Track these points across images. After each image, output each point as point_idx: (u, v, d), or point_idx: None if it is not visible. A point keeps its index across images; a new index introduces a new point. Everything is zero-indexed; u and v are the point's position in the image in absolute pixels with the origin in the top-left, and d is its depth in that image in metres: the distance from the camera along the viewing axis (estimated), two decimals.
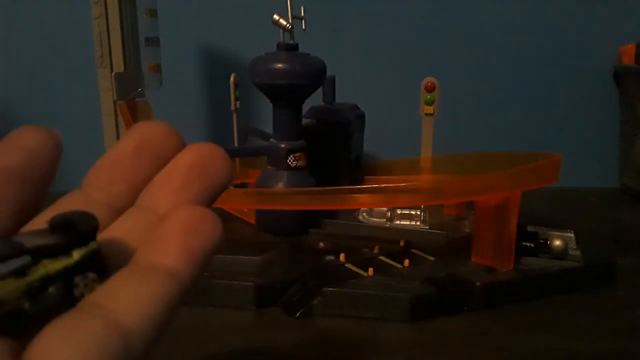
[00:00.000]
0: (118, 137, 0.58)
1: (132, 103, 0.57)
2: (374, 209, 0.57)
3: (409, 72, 0.71)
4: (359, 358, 0.39)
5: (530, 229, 0.50)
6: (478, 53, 0.78)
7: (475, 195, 0.46)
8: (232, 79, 0.62)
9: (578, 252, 0.48)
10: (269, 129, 0.56)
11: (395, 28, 0.77)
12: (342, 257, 0.48)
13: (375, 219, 0.56)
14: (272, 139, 0.55)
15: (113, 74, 0.56)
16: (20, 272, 0.15)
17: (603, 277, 0.49)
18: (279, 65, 0.50)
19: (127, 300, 0.15)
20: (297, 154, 0.54)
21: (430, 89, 0.56)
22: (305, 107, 0.57)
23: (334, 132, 0.59)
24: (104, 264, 0.16)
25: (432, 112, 0.56)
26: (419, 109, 0.57)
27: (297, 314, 0.43)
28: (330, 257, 0.48)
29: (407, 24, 0.77)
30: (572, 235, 0.49)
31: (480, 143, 0.75)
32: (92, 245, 0.16)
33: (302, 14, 0.53)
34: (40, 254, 0.15)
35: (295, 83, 0.51)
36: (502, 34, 0.78)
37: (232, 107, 0.63)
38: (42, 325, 0.14)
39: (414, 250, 0.51)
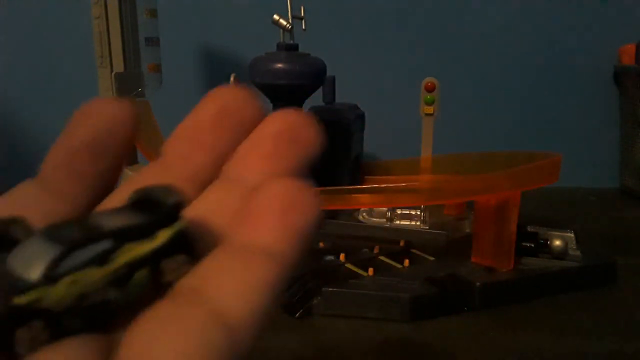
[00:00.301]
0: None
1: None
2: (374, 209, 0.56)
3: (409, 72, 0.71)
4: (359, 358, 0.39)
5: (530, 229, 0.50)
6: (478, 53, 0.78)
7: (475, 195, 0.46)
8: (232, 79, 0.62)
9: (578, 252, 0.48)
10: None
11: (395, 28, 0.77)
12: (342, 257, 0.48)
13: (375, 219, 0.56)
14: None
15: (113, 74, 0.55)
16: (102, 259, 0.13)
17: (603, 277, 0.49)
18: (279, 65, 0.50)
19: (228, 286, 0.13)
20: None
21: (430, 89, 0.56)
22: (305, 107, 0.57)
23: (334, 132, 0.58)
24: (192, 245, 0.14)
25: (432, 112, 0.56)
26: (419, 109, 0.57)
27: (297, 314, 0.43)
28: (330, 257, 0.48)
29: (407, 24, 0.77)
30: (572, 235, 0.49)
31: (480, 143, 0.75)
32: (179, 224, 0.14)
33: (302, 14, 0.53)
34: (122, 237, 0.13)
35: (295, 83, 0.51)
36: (502, 34, 0.78)
37: None
38: (130, 316, 0.13)
39: (414, 250, 0.51)
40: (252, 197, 0.15)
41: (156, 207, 0.14)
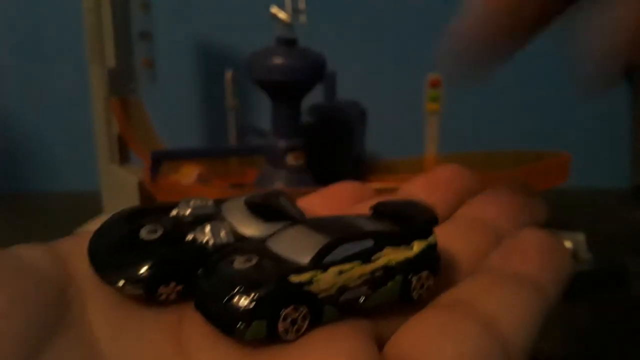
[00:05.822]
0: (110, 135, 0.57)
1: (124, 100, 0.56)
2: None
3: (413, 67, 0.69)
4: None
5: None
6: None
7: None
8: (229, 75, 0.61)
9: (589, 255, 0.48)
10: (267, 126, 0.55)
11: (397, 21, 0.76)
12: None
13: None
14: (270, 137, 0.54)
15: (105, 69, 0.55)
16: (365, 257, 0.14)
17: (615, 281, 0.48)
18: (277, 60, 0.50)
19: (499, 305, 0.14)
20: (296, 153, 0.53)
21: (435, 85, 0.55)
22: (305, 104, 0.56)
23: (335, 130, 0.58)
24: (437, 263, 0.15)
25: (437, 109, 0.56)
26: (423, 105, 0.56)
27: None
28: None
29: (410, 17, 0.76)
30: (583, 237, 0.49)
31: (487, 142, 0.74)
32: (432, 239, 0.15)
33: (302, 7, 0.52)
34: (382, 239, 0.14)
35: (294, 79, 0.50)
36: None
37: (229, 104, 0.62)
38: (369, 317, 0.14)
39: None
40: (513, 239, 0.16)
41: (409, 220, 0.15)
